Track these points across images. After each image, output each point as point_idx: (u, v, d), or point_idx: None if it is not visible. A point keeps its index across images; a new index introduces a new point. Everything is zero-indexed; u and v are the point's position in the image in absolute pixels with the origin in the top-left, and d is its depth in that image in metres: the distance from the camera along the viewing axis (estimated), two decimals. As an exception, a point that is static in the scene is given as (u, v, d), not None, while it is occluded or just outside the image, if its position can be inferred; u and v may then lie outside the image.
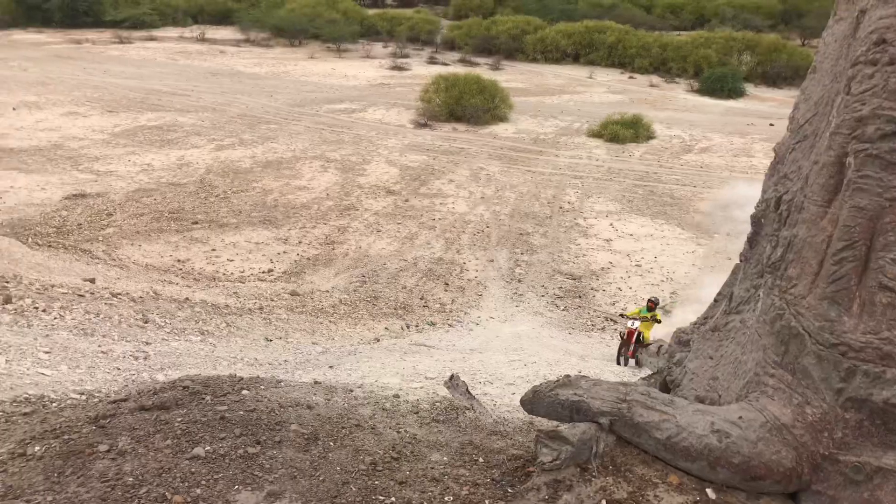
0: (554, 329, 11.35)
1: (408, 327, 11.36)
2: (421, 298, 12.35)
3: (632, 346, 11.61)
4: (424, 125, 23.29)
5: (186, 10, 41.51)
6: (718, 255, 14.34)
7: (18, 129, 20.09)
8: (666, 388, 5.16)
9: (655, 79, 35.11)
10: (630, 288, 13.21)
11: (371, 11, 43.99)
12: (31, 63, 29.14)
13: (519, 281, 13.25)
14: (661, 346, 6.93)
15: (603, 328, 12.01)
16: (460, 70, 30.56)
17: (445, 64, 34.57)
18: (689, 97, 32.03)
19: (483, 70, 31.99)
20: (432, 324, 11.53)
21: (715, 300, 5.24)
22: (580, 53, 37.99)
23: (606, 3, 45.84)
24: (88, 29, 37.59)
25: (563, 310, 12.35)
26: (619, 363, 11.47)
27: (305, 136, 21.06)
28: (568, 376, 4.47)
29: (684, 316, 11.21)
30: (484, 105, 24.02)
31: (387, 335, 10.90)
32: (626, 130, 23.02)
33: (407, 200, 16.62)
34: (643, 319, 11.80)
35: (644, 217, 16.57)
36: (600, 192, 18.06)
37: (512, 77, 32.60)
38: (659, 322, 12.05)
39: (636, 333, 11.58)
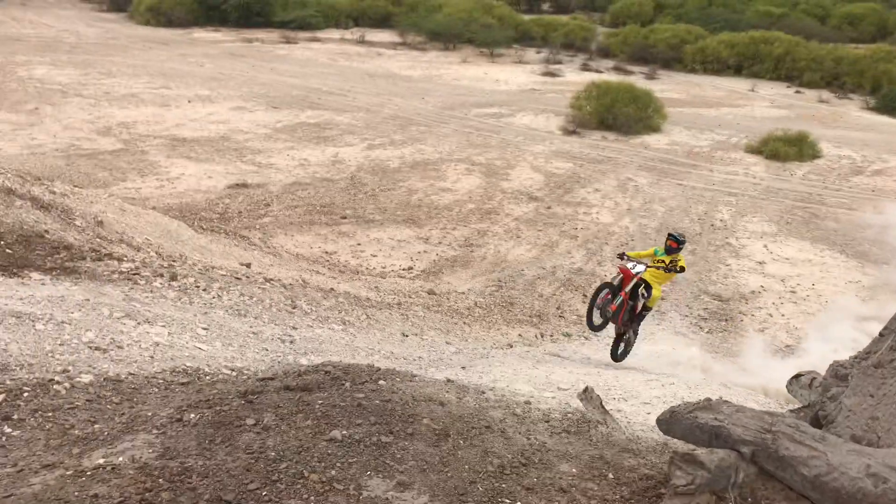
0: (696, 351, 10.86)
1: (542, 336, 11.27)
2: (557, 308, 12.22)
3: (620, 300, 8.78)
4: (573, 132, 23.03)
5: (349, 12, 43.29)
6: (887, 286, 13.21)
7: (192, 120, 21.77)
8: (817, 423, 4.82)
9: (826, 94, 32.83)
10: (782, 315, 12.43)
11: (526, 17, 44.01)
12: (207, 59, 31.49)
13: (662, 298, 12.80)
14: (814, 377, 6.31)
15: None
16: (614, 78, 29.95)
17: (599, 71, 34.04)
18: (863, 115, 29.72)
19: (637, 79, 31.21)
20: (568, 335, 11.38)
21: (880, 334, 4.83)
22: (743, 65, 36.18)
23: (776, 12, 43.38)
24: (259, 29, 40.13)
25: (707, 332, 11.81)
26: (590, 322, 9.04)
27: (453, 139, 21.42)
28: (709, 399, 4.28)
29: (827, 349, 10.18)
30: (636, 114, 23.43)
31: (520, 342, 10.87)
32: (788, 148, 21.68)
33: (549, 208, 16.50)
34: (657, 266, 8.92)
35: (803, 241, 15.54)
36: (756, 212, 17.12)
37: (667, 87, 31.59)
38: (682, 271, 9.11)
39: (635, 281, 8.81)
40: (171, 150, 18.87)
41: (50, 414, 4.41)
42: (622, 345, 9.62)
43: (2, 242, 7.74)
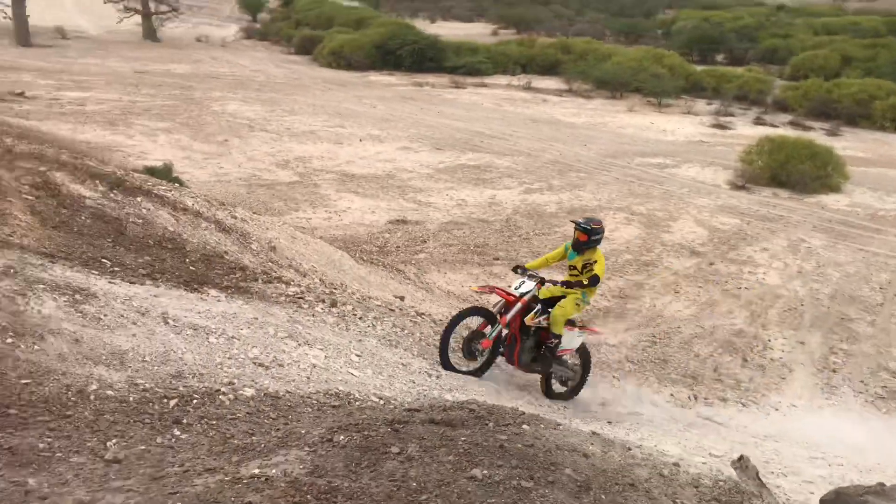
0: (870, 432, 9.89)
1: (695, 398, 10.73)
2: (714, 370, 11.59)
3: (496, 331, 7.13)
4: (742, 187, 22.00)
5: (518, 59, 44.08)
6: None
7: (362, 157, 22.93)
8: None
9: None
10: (979, 403, 11.06)
11: (698, 68, 42.85)
12: (380, 102, 33.17)
13: (832, 371, 11.81)
14: None
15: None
16: (790, 133, 28.41)
17: (774, 126, 32.40)
18: None
19: (817, 135, 29.40)
20: (724, 399, 10.75)
21: None
22: (942, 124, 33.13)
23: None
24: (430, 73, 41.77)
25: (885, 412, 10.72)
26: (445, 362, 7.37)
27: (613, 187, 21.11)
28: (882, 484, 3.88)
29: None
30: (813, 172, 21.99)
31: (672, 402, 10.40)
32: None
33: (712, 264, 15.78)
34: (570, 283, 7.38)
35: None
36: (950, 284, 15.46)
37: (851, 145, 29.52)
38: (595, 284, 7.29)
39: (520, 305, 7.15)
40: (341, 185, 19.94)
41: (214, 422, 4.75)
42: (554, 381, 8.18)
43: (187, 260, 8.48)
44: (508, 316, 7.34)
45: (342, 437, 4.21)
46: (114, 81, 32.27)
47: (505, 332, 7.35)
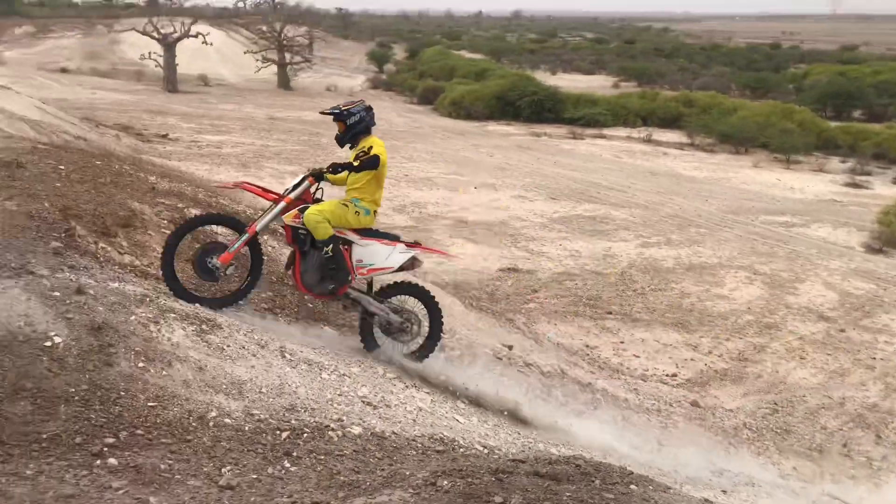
0: None
1: (821, 474, 10.01)
2: (843, 445, 10.78)
3: (243, 239, 6.18)
4: (879, 251, 20.61)
5: (639, 111, 43.56)
6: None
7: (476, 205, 23.18)
8: None
9: None
10: None
11: (832, 124, 40.86)
12: (496, 150, 33.56)
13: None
14: None
15: None
16: (934, 194, 26.50)
17: (916, 186, 30.37)
18: None
19: (966, 197, 27.24)
20: (853, 478, 9.97)
21: None
22: None
23: None
24: (548, 124, 41.91)
25: None
26: (171, 283, 6.26)
27: (735, 245, 20.30)
28: None
29: None
30: (961, 238, 20.36)
31: (793, 476, 9.74)
32: None
33: (843, 331, 14.78)
34: (336, 165, 6.37)
35: None
36: None
37: None
38: (372, 166, 6.24)
39: (284, 204, 6.30)
40: (454, 231, 20.21)
41: (322, 457, 4.85)
42: (376, 328, 6.84)
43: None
44: (261, 222, 6.30)
45: (446, 482, 4.19)
46: (248, 126, 34.34)
47: (242, 239, 6.15)
